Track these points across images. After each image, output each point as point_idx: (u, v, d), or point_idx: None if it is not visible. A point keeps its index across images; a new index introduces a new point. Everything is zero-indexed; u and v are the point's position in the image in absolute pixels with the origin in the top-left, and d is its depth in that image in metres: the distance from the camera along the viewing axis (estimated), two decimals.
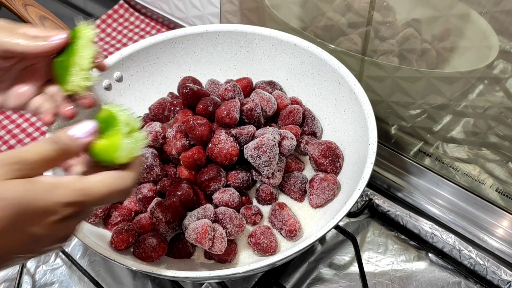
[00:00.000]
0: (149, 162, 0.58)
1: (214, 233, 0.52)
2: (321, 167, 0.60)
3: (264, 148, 0.55)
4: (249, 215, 0.57)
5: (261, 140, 0.56)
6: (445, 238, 0.64)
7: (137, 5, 1.06)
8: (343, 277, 0.63)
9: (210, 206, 0.56)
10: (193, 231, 0.52)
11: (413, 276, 0.63)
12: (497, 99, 0.60)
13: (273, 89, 0.67)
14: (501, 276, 0.60)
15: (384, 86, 0.68)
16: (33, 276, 0.65)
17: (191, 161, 0.58)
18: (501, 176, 0.64)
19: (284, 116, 0.64)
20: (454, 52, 0.61)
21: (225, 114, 0.58)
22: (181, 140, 0.59)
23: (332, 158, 0.60)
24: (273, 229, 0.57)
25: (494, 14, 0.55)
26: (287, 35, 0.67)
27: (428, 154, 0.69)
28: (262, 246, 0.54)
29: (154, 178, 0.59)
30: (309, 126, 0.65)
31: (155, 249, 0.53)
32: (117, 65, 0.68)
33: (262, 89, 0.67)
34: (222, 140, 0.57)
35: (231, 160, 0.58)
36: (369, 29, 0.66)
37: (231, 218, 0.54)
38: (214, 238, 0.52)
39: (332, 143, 0.61)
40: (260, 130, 0.60)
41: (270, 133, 0.58)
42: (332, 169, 0.60)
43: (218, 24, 0.71)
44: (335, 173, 0.61)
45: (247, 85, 0.67)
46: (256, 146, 0.55)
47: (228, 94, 0.61)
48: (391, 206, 0.68)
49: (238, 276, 0.51)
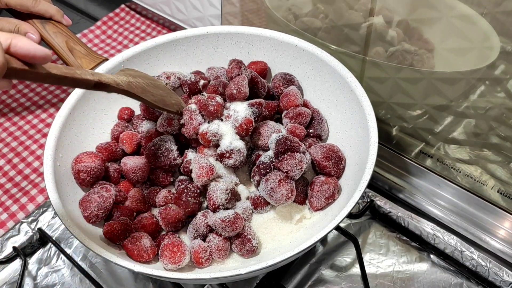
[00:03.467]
0: (167, 145, 0.60)
1: (209, 250, 0.54)
2: (325, 170, 0.59)
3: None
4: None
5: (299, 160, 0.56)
6: (447, 239, 0.64)
7: (138, 8, 1.06)
8: (345, 279, 0.63)
9: (201, 219, 0.56)
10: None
11: (415, 277, 0.63)
12: (498, 100, 0.60)
13: (289, 85, 0.66)
14: (503, 277, 0.60)
15: (385, 87, 0.68)
16: (34, 278, 0.65)
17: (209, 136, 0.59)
18: (503, 177, 0.63)
19: (292, 116, 0.64)
20: (455, 53, 0.61)
21: (235, 91, 0.60)
22: (196, 119, 0.60)
23: (335, 161, 0.59)
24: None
25: (495, 15, 0.55)
26: (287, 36, 0.67)
27: (430, 155, 0.69)
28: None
29: (171, 162, 0.60)
30: (315, 128, 0.64)
31: (147, 251, 0.54)
32: (118, 67, 0.68)
33: (276, 87, 0.67)
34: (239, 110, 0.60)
35: (248, 131, 0.59)
36: (370, 30, 0.66)
37: (222, 225, 0.54)
38: (211, 254, 0.55)
39: (334, 145, 0.61)
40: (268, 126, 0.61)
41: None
42: (335, 171, 0.59)
43: (219, 26, 0.71)
44: (339, 175, 0.60)
45: (263, 69, 0.68)
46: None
47: (234, 72, 0.62)
48: (392, 208, 0.68)
49: (239, 277, 0.51)
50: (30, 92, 0.91)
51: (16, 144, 0.82)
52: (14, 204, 0.73)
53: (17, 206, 0.73)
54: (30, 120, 0.86)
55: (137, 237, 0.54)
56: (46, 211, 0.71)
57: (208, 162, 0.58)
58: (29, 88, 0.91)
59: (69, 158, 0.60)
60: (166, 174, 0.61)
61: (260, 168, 0.57)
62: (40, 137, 0.84)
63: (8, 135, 0.84)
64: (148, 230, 0.57)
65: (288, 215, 0.59)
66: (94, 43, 1.01)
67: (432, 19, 0.61)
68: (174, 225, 0.57)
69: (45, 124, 0.86)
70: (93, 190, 0.58)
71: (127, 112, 0.68)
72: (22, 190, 0.75)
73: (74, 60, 0.68)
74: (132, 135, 0.64)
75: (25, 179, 0.77)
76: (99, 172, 0.60)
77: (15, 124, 0.86)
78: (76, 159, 0.59)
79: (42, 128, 0.85)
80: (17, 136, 0.84)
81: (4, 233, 0.68)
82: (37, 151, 0.81)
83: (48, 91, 0.91)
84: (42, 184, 0.75)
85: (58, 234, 0.69)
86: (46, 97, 0.90)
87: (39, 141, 0.83)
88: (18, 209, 0.73)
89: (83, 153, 0.60)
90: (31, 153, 0.81)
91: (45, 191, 0.68)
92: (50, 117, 0.87)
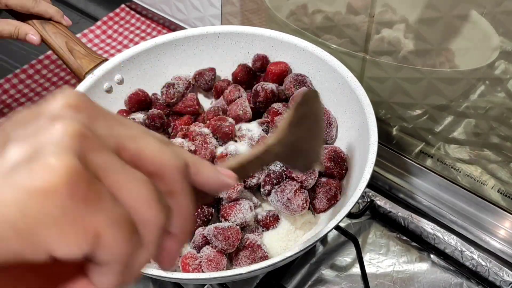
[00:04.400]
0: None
1: (200, 259, 0.53)
2: (327, 171, 0.59)
3: None
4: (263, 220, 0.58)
5: None
6: (447, 239, 0.64)
7: (138, 7, 1.06)
8: (345, 279, 0.63)
9: (199, 230, 0.55)
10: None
11: (415, 277, 0.63)
12: (498, 100, 0.60)
13: (300, 86, 0.65)
14: (503, 277, 0.60)
15: (385, 87, 0.68)
16: None
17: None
18: (503, 177, 0.63)
19: None
20: (455, 53, 0.61)
21: (241, 112, 0.61)
22: (211, 143, 0.59)
23: (338, 161, 0.59)
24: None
25: (495, 15, 0.55)
26: (287, 36, 0.67)
27: (430, 155, 0.69)
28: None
29: None
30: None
31: None
32: (118, 68, 0.68)
33: (288, 89, 0.66)
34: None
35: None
36: (370, 29, 0.66)
37: (214, 232, 0.53)
38: (200, 264, 0.53)
39: (336, 146, 0.61)
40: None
41: None
42: (338, 172, 0.59)
43: (218, 26, 0.71)
44: (341, 176, 0.60)
45: (284, 70, 0.67)
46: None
47: (235, 95, 0.62)
48: (392, 207, 0.68)
49: (239, 277, 0.51)
50: (30, 92, 0.91)
51: None
52: None
53: None
54: None
55: None
56: None
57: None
58: (29, 88, 0.91)
59: None
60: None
61: (272, 177, 0.56)
62: None
63: None
64: None
65: (292, 220, 0.59)
66: (94, 43, 1.01)
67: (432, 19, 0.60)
68: None
69: None
70: None
71: (124, 115, 0.68)
72: None
73: (74, 60, 0.68)
74: None
75: None
76: None
77: None
78: None
79: None
80: None
81: None
82: None
83: (48, 91, 0.91)
84: None
85: None
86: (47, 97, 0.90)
87: None
88: None
89: None
90: None
91: None
92: None
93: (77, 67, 0.68)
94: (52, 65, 0.95)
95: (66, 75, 0.94)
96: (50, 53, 0.95)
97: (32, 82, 0.92)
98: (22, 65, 0.94)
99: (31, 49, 0.98)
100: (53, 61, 0.96)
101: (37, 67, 0.94)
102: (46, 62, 0.95)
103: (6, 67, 0.95)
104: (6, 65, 0.96)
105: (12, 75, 0.92)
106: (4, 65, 0.96)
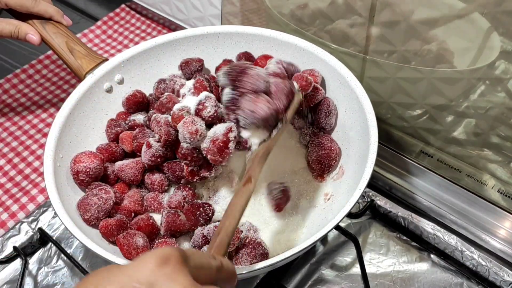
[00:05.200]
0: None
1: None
2: (310, 169, 0.63)
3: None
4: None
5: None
6: (447, 239, 0.64)
7: (138, 7, 1.06)
8: (345, 278, 0.63)
9: (199, 230, 0.55)
10: None
11: (415, 277, 0.63)
12: (498, 99, 0.60)
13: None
14: (503, 277, 0.60)
15: (385, 87, 0.68)
16: (35, 277, 0.65)
17: None
18: (503, 177, 0.63)
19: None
20: (455, 53, 0.61)
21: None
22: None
23: (324, 166, 0.62)
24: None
25: (495, 15, 0.55)
26: (287, 36, 0.67)
27: (430, 155, 0.69)
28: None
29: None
30: (320, 120, 0.63)
31: (137, 249, 0.53)
32: (118, 68, 0.68)
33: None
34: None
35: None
36: (370, 30, 0.66)
37: (214, 230, 0.54)
38: None
39: (333, 151, 0.61)
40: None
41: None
42: (318, 174, 0.63)
43: (218, 26, 0.71)
44: (320, 176, 0.64)
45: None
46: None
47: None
48: (392, 207, 0.68)
49: (239, 277, 0.50)
50: (30, 92, 0.91)
51: (17, 144, 0.82)
52: (15, 203, 0.73)
53: (18, 205, 0.73)
54: (31, 120, 0.86)
55: (131, 234, 0.54)
56: (46, 211, 0.71)
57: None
58: (29, 88, 0.91)
59: (69, 158, 0.60)
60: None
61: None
62: (41, 137, 0.84)
63: (9, 135, 0.84)
64: (144, 232, 0.56)
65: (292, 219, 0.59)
66: (94, 43, 1.01)
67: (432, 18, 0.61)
68: (173, 232, 0.56)
69: (46, 124, 0.86)
70: (92, 192, 0.57)
71: (123, 117, 0.68)
72: (23, 190, 0.75)
73: (74, 60, 0.68)
74: (132, 134, 0.64)
75: (25, 179, 0.77)
76: (98, 172, 0.59)
77: (16, 124, 0.86)
78: (75, 159, 0.59)
79: (43, 128, 0.85)
80: (17, 136, 0.84)
81: (5, 232, 0.69)
82: (37, 151, 0.81)
83: (48, 91, 0.91)
84: (43, 184, 0.75)
85: (58, 234, 0.69)
86: (47, 97, 0.90)
87: (39, 141, 0.83)
88: (19, 209, 0.73)
89: (82, 153, 0.60)
90: (32, 153, 0.81)
91: (46, 191, 0.68)
92: (51, 117, 0.87)
93: (77, 67, 0.68)
94: (52, 65, 0.95)
95: (66, 75, 0.94)
96: (50, 53, 0.95)
97: (32, 82, 0.92)
98: (22, 65, 0.94)
99: (31, 49, 0.98)
100: (53, 61, 0.96)
101: (37, 67, 0.94)
102: (46, 62, 0.95)
103: (6, 67, 0.95)
104: (6, 65, 0.96)
105: (12, 75, 0.92)
106: (4, 65, 0.96)
